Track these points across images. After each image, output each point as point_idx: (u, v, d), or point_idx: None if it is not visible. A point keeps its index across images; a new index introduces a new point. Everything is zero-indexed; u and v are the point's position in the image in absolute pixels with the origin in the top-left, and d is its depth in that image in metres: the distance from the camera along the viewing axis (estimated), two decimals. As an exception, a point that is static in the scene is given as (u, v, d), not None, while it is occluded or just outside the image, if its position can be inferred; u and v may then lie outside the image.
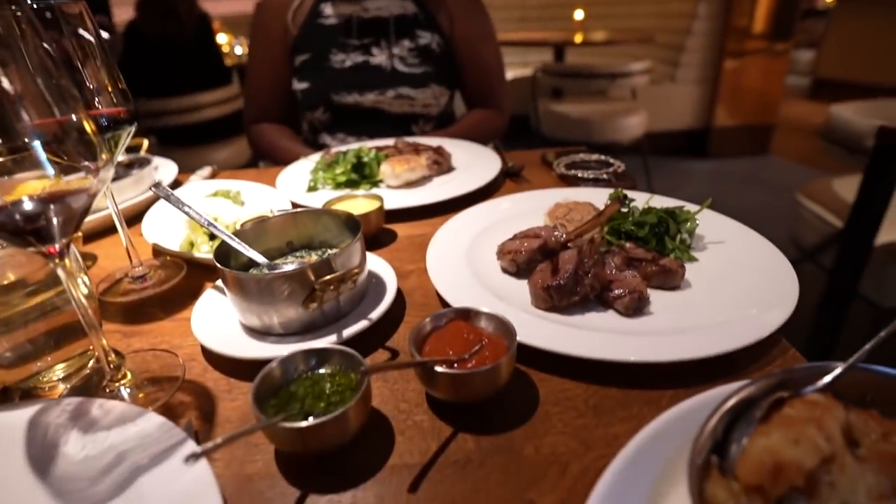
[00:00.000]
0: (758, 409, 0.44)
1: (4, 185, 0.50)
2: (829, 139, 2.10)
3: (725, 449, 0.42)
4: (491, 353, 0.57)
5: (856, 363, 0.45)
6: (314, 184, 1.19)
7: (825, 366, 0.46)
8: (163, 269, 0.93)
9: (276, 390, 0.55)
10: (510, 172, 1.25)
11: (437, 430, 0.55)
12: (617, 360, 0.58)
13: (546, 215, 0.92)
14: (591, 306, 0.71)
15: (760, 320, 0.63)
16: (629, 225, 0.83)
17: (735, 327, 0.63)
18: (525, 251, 0.77)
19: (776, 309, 0.65)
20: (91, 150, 0.54)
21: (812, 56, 6.94)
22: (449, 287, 0.74)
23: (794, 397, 0.45)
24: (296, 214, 0.80)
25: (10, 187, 0.51)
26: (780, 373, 0.46)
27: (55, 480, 0.50)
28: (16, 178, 0.51)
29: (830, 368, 0.46)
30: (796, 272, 0.72)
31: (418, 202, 1.07)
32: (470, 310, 0.62)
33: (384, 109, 1.69)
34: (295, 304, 0.65)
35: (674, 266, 0.73)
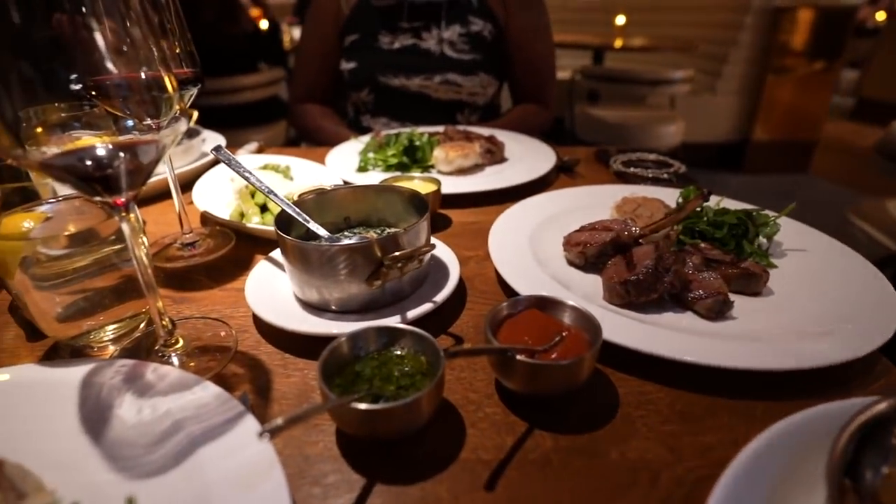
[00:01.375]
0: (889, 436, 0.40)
1: (69, 139, 0.48)
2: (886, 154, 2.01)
3: (859, 473, 0.38)
4: (572, 346, 0.53)
5: None
6: (364, 164, 1.15)
7: None
8: (211, 238, 0.91)
9: (341, 368, 0.52)
10: (564, 167, 1.21)
11: (510, 424, 0.51)
12: (711, 365, 0.53)
13: (613, 209, 0.87)
14: (668, 306, 0.66)
15: (859, 336, 0.58)
16: (704, 224, 0.78)
17: (831, 340, 0.58)
18: (595, 243, 0.73)
19: (876, 326, 0.59)
20: (157, 106, 0.52)
21: (856, 75, 6.74)
22: (514, 275, 0.70)
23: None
24: (357, 189, 0.77)
25: (70, 140, 0.49)
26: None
27: (109, 443, 0.47)
28: (79, 133, 0.49)
29: None
30: None
31: (473, 189, 1.03)
32: (548, 299, 0.58)
33: (430, 95, 1.65)
34: (358, 279, 0.62)
35: (757, 270, 0.68)
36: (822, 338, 0.58)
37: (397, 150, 1.15)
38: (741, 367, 0.53)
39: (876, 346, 0.56)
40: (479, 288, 0.74)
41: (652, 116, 3.99)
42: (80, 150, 0.49)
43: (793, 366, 0.53)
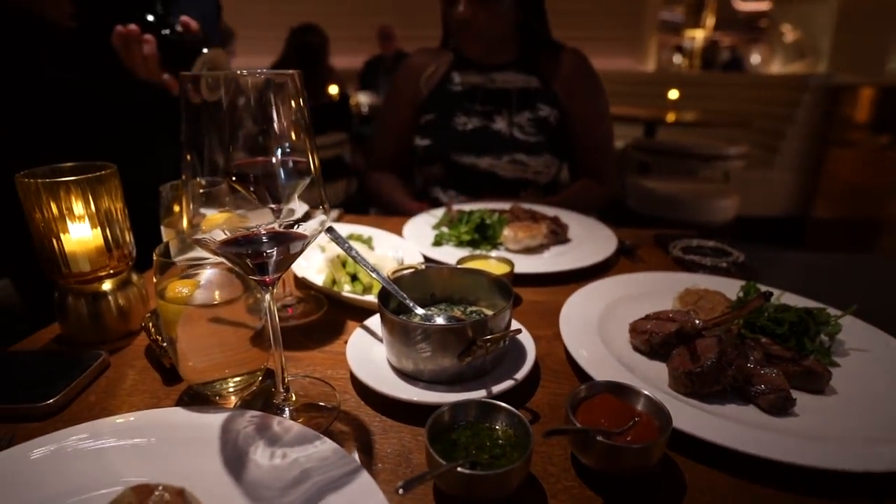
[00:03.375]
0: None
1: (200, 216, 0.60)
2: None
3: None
4: (644, 430, 0.59)
5: None
6: (439, 239, 1.27)
7: None
8: (305, 303, 1.03)
9: (439, 434, 0.60)
10: (625, 250, 1.28)
11: (587, 499, 0.58)
12: (777, 460, 0.58)
13: (676, 299, 0.94)
14: (730, 398, 0.72)
15: None
16: (765, 320, 0.83)
17: (858, 447, 0.61)
18: (660, 333, 0.80)
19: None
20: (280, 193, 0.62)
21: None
22: (585, 358, 0.78)
23: None
24: (450, 269, 0.87)
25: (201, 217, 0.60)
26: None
27: (248, 483, 0.57)
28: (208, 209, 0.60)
29: None
30: None
31: (540, 269, 1.12)
32: (622, 385, 0.65)
33: (497, 173, 1.79)
34: (451, 356, 0.71)
35: (819, 369, 0.73)
36: (885, 442, 0.62)
37: (470, 228, 1.27)
38: (806, 464, 0.58)
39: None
40: (551, 367, 0.82)
41: (705, 190, 4.02)
42: (246, 238, 0.62)
43: (860, 468, 0.57)
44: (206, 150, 0.56)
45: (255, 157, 0.60)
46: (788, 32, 7.25)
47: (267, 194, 0.63)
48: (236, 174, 0.59)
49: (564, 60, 1.84)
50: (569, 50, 1.87)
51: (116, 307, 0.91)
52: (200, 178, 0.57)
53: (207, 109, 0.55)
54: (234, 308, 0.73)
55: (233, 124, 0.56)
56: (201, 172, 0.57)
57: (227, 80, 0.54)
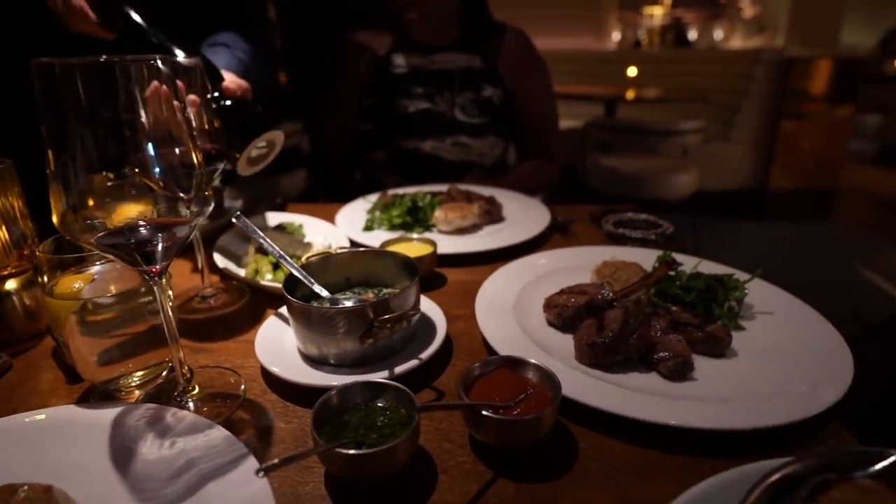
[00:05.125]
0: (802, 489, 0.45)
1: (109, 207, 0.58)
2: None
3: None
4: (535, 402, 0.59)
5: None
6: (371, 224, 1.26)
7: (881, 451, 0.45)
8: (228, 293, 1.01)
9: (332, 418, 0.59)
10: (559, 227, 1.29)
11: (478, 472, 0.58)
12: (660, 423, 0.59)
13: (593, 272, 0.94)
14: (634, 366, 0.73)
15: (811, 397, 0.63)
16: (676, 289, 0.84)
17: (783, 401, 0.63)
18: (571, 306, 0.80)
19: (829, 387, 0.65)
20: (189, 183, 0.61)
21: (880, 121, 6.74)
22: (496, 334, 0.78)
23: (844, 481, 0.44)
24: (357, 253, 0.86)
25: (111, 210, 0.58)
26: (830, 452, 0.47)
27: (133, 477, 0.56)
28: (116, 203, 0.58)
29: (887, 454, 0.45)
30: (859, 351, 0.72)
31: (468, 249, 1.11)
32: (517, 359, 0.65)
33: (441, 156, 1.77)
34: (353, 338, 0.70)
35: (720, 333, 0.74)
36: (774, 399, 0.64)
37: (401, 211, 1.25)
38: (690, 426, 0.59)
39: (823, 407, 0.61)
40: (465, 346, 0.82)
41: (665, 166, 4.07)
42: (125, 229, 0.59)
43: (739, 426, 0.59)
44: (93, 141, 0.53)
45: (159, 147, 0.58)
46: (747, 7, 7.33)
47: (174, 185, 0.61)
48: (140, 166, 0.57)
49: (507, 40, 1.83)
50: (511, 29, 1.85)
51: (22, 307, 0.87)
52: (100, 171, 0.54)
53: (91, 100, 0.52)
54: (130, 301, 0.71)
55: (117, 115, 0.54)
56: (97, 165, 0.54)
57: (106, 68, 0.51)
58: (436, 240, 1.13)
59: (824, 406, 0.62)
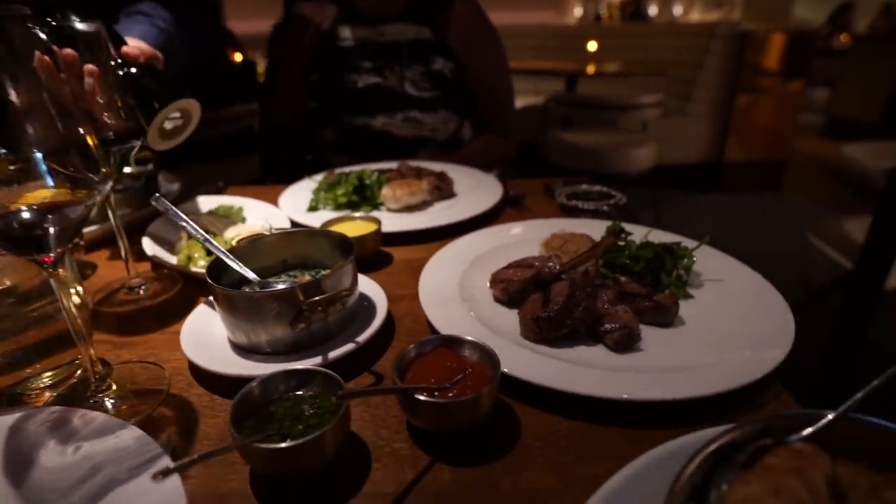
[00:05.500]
0: (740, 455, 0.43)
1: (11, 194, 0.52)
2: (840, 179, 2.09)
3: (705, 496, 0.41)
4: (474, 382, 0.56)
5: (846, 413, 0.44)
6: (315, 204, 1.20)
7: (814, 413, 0.45)
8: (159, 282, 0.94)
9: (256, 410, 0.55)
10: (511, 200, 1.26)
11: (415, 458, 0.54)
12: (601, 397, 0.57)
13: (542, 245, 0.91)
14: (581, 339, 0.70)
15: (754, 362, 0.62)
16: (625, 259, 0.82)
17: (727, 368, 0.62)
18: (517, 281, 0.77)
19: (771, 351, 0.64)
20: (93, 164, 0.55)
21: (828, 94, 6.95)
22: (439, 314, 0.74)
23: (779, 445, 0.43)
24: (290, 234, 0.81)
25: (16, 196, 0.52)
26: (766, 419, 0.45)
27: (29, 488, 0.50)
28: (22, 188, 0.52)
29: (819, 416, 0.45)
30: (804, 314, 0.72)
31: (416, 226, 1.07)
32: (455, 338, 0.62)
33: (392, 132, 1.71)
34: (283, 323, 0.65)
35: (667, 302, 0.73)
36: (717, 366, 0.62)
37: (347, 189, 1.20)
38: (634, 398, 0.57)
39: (765, 371, 0.60)
40: (409, 327, 0.78)
41: (624, 140, 4.09)
42: (8, 213, 0.53)
43: (683, 395, 0.57)
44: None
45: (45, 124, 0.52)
46: (704, -19, 7.41)
47: (80, 166, 0.55)
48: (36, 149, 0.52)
49: (457, 9, 1.76)
50: (461, -2, 1.79)
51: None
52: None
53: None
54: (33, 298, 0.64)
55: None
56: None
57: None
58: (384, 218, 1.09)
59: (764, 371, 0.60)
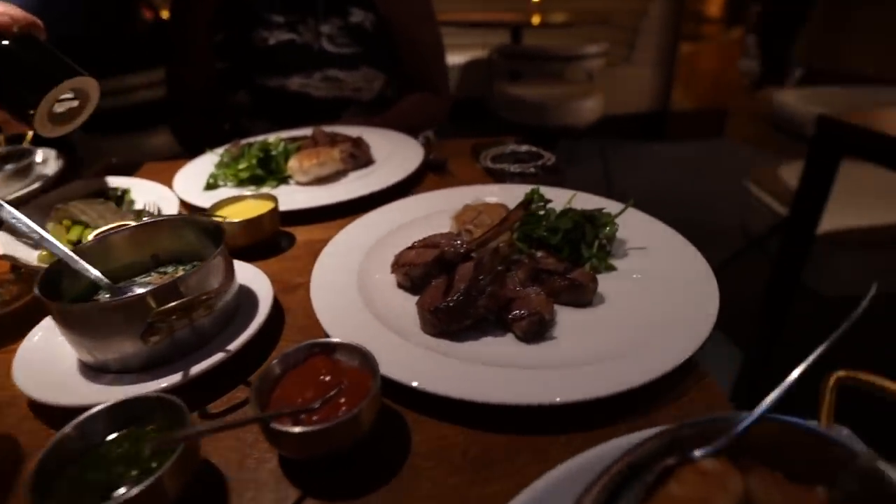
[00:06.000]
0: (645, 477, 0.37)
1: None
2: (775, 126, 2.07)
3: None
4: (351, 397, 0.48)
5: (759, 418, 0.38)
6: (214, 181, 1.06)
7: (725, 418, 0.39)
8: (12, 285, 0.81)
9: (83, 454, 0.45)
10: (433, 166, 1.15)
11: (281, 495, 0.46)
12: (499, 404, 0.50)
13: (452, 219, 0.82)
14: (490, 329, 0.62)
15: (672, 347, 0.56)
16: (542, 230, 0.74)
17: (643, 355, 0.55)
18: (420, 264, 0.68)
19: (694, 329, 0.58)
20: None
21: (765, 41, 7.00)
22: (328, 308, 0.65)
23: (685, 464, 0.37)
24: (152, 225, 0.69)
25: None
26: (671, 431, 0.39)
27: None
28: None
29: (731, 422, 0.39)
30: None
31: (324, 201, 0.96)
32: (328, 343, 0.52)
33: (311, 93, 1.56)
34: (132, 337, 0.54)
35: (584, 280, 0.65)
36: (632, 355, 0.56)
37: (250, 163, 1.06)
38: (540, 402, 0.50)
39: (682, 359, 0.54)
40: (301, 323, 0.68)
41: (571, 92, 4.00)
42: None
43: (593, 394, 0.50)
44: None
45: None
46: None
47: None
48: None
49: (375, -47, 1.59)
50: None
51: None
52: None
53: None
54: None
55: None
56: None
57: None
58: (293, 193, 0.97)
59: (686, 354, 0.54)
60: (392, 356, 0.55)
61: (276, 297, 0.71)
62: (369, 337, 0.59)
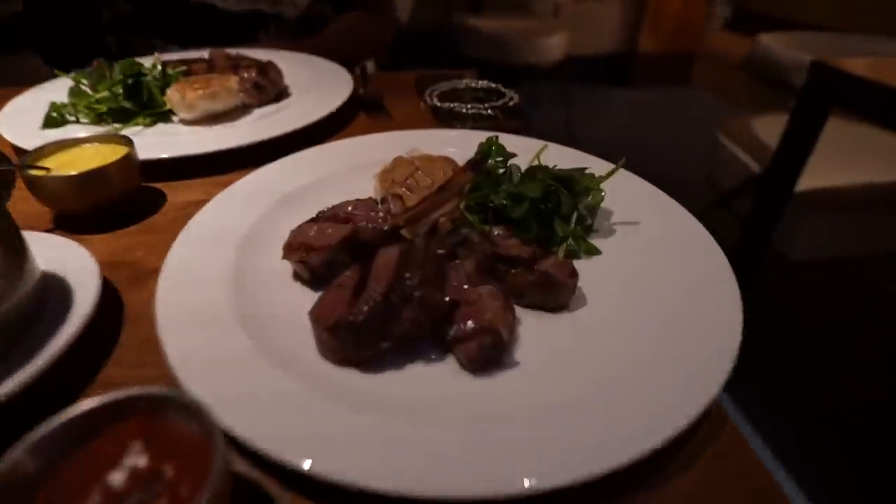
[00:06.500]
0: None
1: None
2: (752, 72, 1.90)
3: None
4: (178, 492, 0.27)
5: None
6: (58, 115, 0.78)
7: None
8: None
9: None
10: (365, 104, 0.91)
11: None
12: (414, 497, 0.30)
13: (377, 179, 0.60)
14: (422, 350, 0.42)
15: (688, 379, 0.38)
16: (501, 198, 0.53)
17: (650, 392, 0.37)
18: (322, 248, 0.46)
19: (710, 353, 0.39)
20: None
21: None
22: (181, 319, 0.42)
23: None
24: None
25: None
26: None
27: None
28: None
29: None
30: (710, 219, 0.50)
31: (210, 148, 0.71)
32: (142, 397, 0.31)
33: (217, 6, 1.24)
34: None
35: (560, 274, 0.45)
36: (630, 395, 0.37)
37: (111, 90, 0.79)
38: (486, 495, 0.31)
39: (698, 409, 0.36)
40: (143, 334, 0.46)
41: (534, 27, 3.70)
42: None
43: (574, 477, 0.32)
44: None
45: None
46: None
47: None
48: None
49: None
50: None
51: None
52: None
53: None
54: None
55: None
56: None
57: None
58: (172, 135, 0.72)
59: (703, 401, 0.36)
60: (267, 407, 0.35)
61: (117, 291, 0.49)
62: (236, 372, 0.37)
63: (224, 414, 0.34)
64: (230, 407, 0.34)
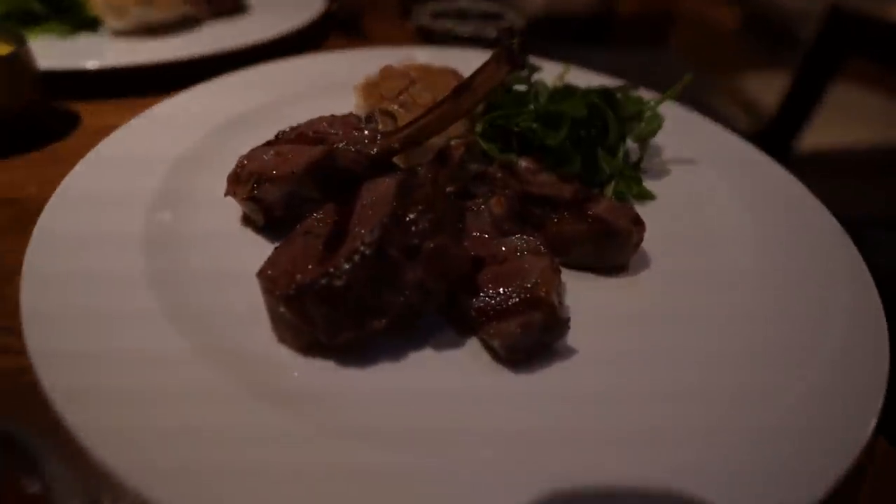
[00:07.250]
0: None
1: None
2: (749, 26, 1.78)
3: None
4: None
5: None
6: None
7: None
8: None
9: None
10: (340, 20, 0.74)
11: None
12: None
13: (357, 91, 0.44)
14: (432, 332, 0.29)
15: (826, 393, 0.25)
16: (528, 120, 0.39)
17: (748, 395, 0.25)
18: (280, 178, 0.31)
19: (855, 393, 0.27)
20: None
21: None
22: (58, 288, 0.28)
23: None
24: None
25: None
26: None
27: None
28: None
29: None
30: None
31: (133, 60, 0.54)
32: None
33: None
34: None
35: (622, 223, 0.32)
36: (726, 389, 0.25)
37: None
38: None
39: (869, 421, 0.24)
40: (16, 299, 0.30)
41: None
42: None
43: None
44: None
45: None
46: None
47: None
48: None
49: None
50: None
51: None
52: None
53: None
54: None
55: None
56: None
57: None
58: (96, 47, 0.56)
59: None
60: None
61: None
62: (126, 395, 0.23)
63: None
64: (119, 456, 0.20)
